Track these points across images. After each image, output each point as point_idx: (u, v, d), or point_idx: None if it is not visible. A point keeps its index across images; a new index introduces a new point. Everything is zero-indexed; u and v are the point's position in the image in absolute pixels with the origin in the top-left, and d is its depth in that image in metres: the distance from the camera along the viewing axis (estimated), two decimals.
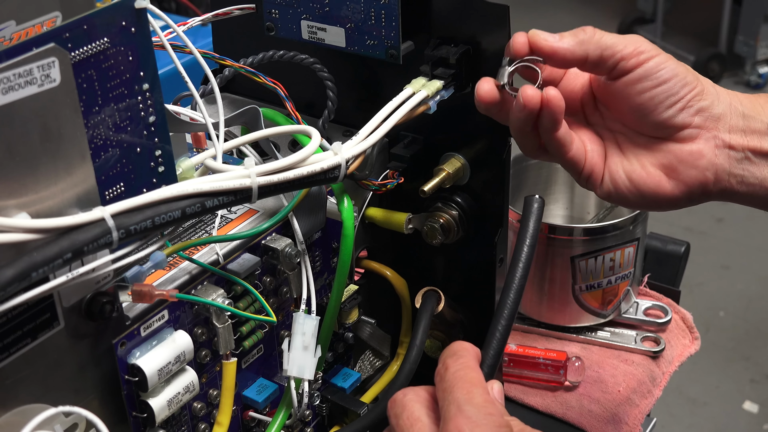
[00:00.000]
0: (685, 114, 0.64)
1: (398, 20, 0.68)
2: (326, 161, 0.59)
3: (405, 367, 0.72)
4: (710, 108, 0.64)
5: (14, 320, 0.50)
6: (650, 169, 0.66)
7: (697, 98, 0.64)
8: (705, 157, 0.65)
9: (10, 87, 0.44)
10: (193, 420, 0.64)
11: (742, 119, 0.65)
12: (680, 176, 0.66)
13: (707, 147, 0.65)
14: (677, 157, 0.65)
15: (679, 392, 2.03)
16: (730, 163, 0.65)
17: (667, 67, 0.64)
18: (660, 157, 0.66)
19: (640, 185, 0.67)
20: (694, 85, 0.64)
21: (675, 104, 0.64)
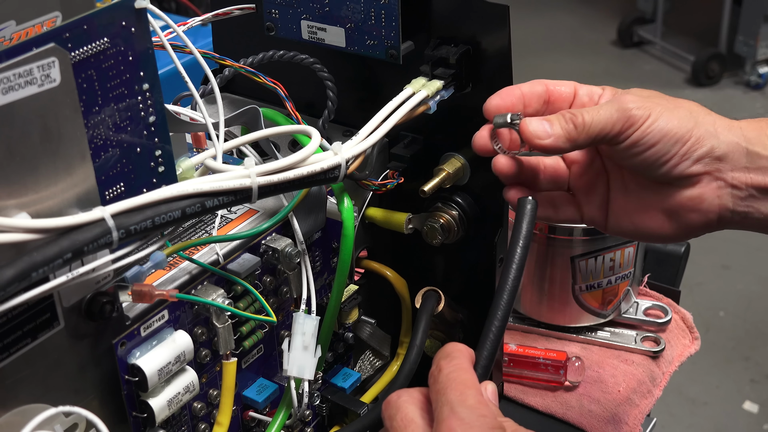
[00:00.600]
0: (682, 166, 0.64)
1: (398, 20, 0.68)
2: (326, 161, 0.59)
3: (405, 367, 0.72)
4: (710, 152, 0.64)
5: (14, 320, 0.50)
6: (653, 213, 0.67)
7: (694, 148, 0.63)
8: (707, 200, 0.65)
9: (10, 87, 0.44)
10: (193, 420, 0.64)
11: (746, 157, 0.64)
12: (682, 219, 0.66)
13: (709, 190, 0.65)
14: (679, 202, 0.65)
15: (679, 392, 2.03)
16: (734, 202, 0.65)
17: (655, 130, 0.63)
18: (662, 200, 0.66)
19: (643, 228, 0.68)
20: (687, 138, 0.63)
21: (668, 161, 0.64)
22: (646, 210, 0.67)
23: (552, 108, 0.67)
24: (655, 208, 0.67)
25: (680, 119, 0.64)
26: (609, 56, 3.58)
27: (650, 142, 0.63)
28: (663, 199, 0.66)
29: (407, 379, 0.72)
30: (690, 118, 0.64)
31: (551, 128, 0.63)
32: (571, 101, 0.68)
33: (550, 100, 0.68)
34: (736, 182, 0.64)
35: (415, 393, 0.57)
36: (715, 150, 0.64)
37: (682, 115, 0.64)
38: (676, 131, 0.63)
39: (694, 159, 0.64)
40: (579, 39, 3.72)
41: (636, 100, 0.64)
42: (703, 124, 0.64)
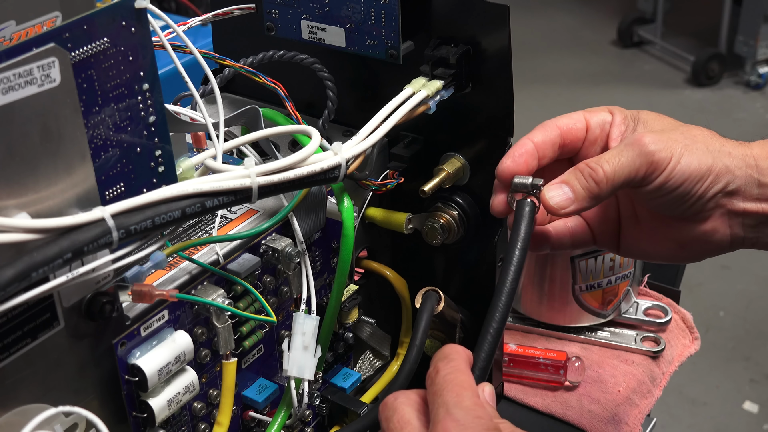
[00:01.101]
0: (699, 205, 0.64)
1: (398, 20, 0.68)
2: (326, 161, 0.59)
3: (405, 367, 0.72)
4: (725, 187, 0.64)
5: (14, 320, 0.50)
6: (666, 243, 0.67)
7: (711, 186, 0.63)
8: (719, 232, 0.65)
9: (10, 87, 0.44)
10: (193, 420, 0.64)
11: (757, 188, 0.64)
12: (694, 250, 0.67)
13: (721, 223, 0.65)
14: (691, 236, 0.66)
15: (679, 392, 2.03)
16: (745, 230, 0.65)
17: (677, 174, 0.62)
18: (675, 234, 0.66)
19: (656, 255, 0.69)
20: (706, 176, 0.63)
21: (687, 201, 0.64)
22: (658, 240, 0.67)
23: (567, 149, 0.66)
24: (667, 239, 0.67)
25: (699, 157, 0.63)
26: (609, 56, 3.58)
27: (674, 185, 0.62)
28: (676, 233, 0.66)
29: (407, 379, 0.72)
30: (708, 154, 0.63)
31: (573, 192, 0.62)
32: (584, 137, 0.67)
33: (564, 143, 0.66)
34: (746, 212, 0.64)
35: (412, 395, 0.57)
36: (729, 185, 0.64)
37: (701, 152, 0.63)
38: (696, 171, 0.62)
39: (710, 197, 0.64)
40: (579, 39, 3.72)
41: (656, 140, 0.62)
42: (720, 158, 0.64)
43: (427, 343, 0.79)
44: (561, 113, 0.68)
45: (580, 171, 0.62)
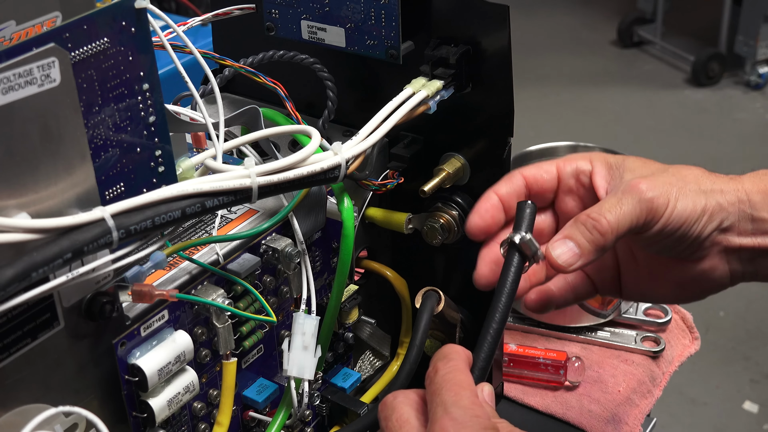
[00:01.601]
0: (695, 244, 0.64)
1: (398, 20, 0.68)
2: (326, 161, 0.59)
3: (405, 367, 0.72)
4: (720, 225, 0.64)
5: (14, 320, 0.50)
6: (665, 284, 0.67)
7: (707, 225, 0.63)
8: (718, 269, 0.66)
9: (10, 87, 0.44)
10: (193, 420, 0.64)
11: (751, 223, 0.64)
12: (695, 289, 0.67)
13: (719, 260, 0.65)
14: (690, 274, 0.66)
15: (679, 392, 2.03)
16: (743, 264, 0.66)
17: (675, 218, 0.62)
18: (675, 275, 0.66)
19: (653, 296, 0.69)
20: (701, 218, 0.63)
21: (684, 243, 0.64)
22: (659, 282, 0.67)
23: (536, 200, 0.64)
24: (667, 281, 0.67)
25: (693, 199, 0.63)
26: (609, 56, 3.58)
27: (672, 229, 0.62)
28: (675, 274, 0.66)
29: (407, 379, 0.72)
30: (701, 194, 0.63)
31: (579, 247, 0.61)
32: (554, 187, 0.66)
33: (531, 193, 0.66)
34: (743, 247, 0.65)
35: (411, 394, 0.57)
36: (724, 222, 0.64)
37: (694, 193, 0.63)
38: (692, 213, 0.62)
39: (706, 235, 0.64)
40: (579, 39, 3.72)
41: (651, 186, 0.62)
42: (713, 197, 0.64)
43: (427, 343, 0.79)
44: (561, 113, 0.69)
45: (583, 223, 0.61)
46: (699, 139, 2.99)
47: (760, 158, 2.87)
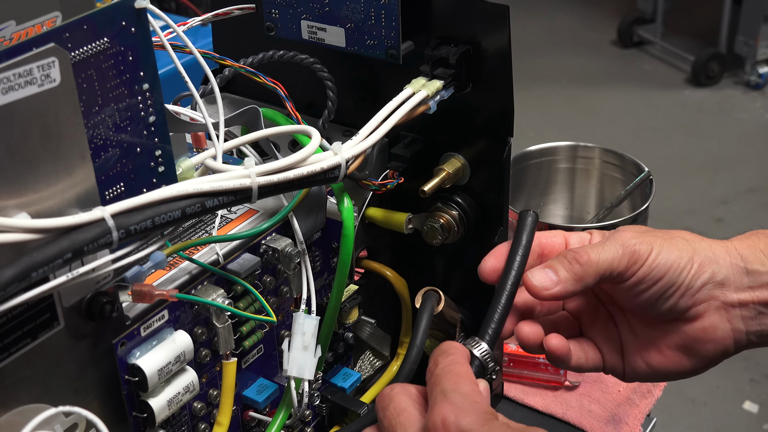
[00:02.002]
0: (687, 297, 0.63)
1: (398, 20, 0.68)
2: (326, 161, 0.59)
3: (405, 367, 0.72)
4: (712, 278, 0.63)
5: (14, 320, 0.50)
6: (668, 352, 0.66)
7: (697, 276, 0.63)
8: (719, 328, 0.64)
9: (10, 87, 0.44)
10: (193, 420, 0.64)
11: (746, 276, 0.64)
12: (699, 353, 0.65)
13: (718, 317, 0.64)
14: (691, 336, 0.64)
15: (679, 392, 2.03)
16: (746, 323, 0.64)
17: (659, 265, 0.62)
18: (675, 338, 0.65)
19: (662, 370, 0.66)
20: (689, 268, 0.63)
21: (675, 293, 0.63)
22: (659, 350, 0.66)
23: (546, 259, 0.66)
24: (668, 347, 0.66)
25: (680, 249, 0.63)
26: (609, 56, 3.58)
27: (657, 276, 0.62)
28: (674, 336, 0.65)
29: (407, 379, 0.72)
30: (688, 247, 0.63)
31: (557, 275, 0.62)
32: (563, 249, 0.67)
33: (543, 253, 0.67)
34: (743, 302, 0.63)
35: (410, 387, 0.57)
36: (716, 275, 0.63)
37: (681, 245, 0.63)
38: (679, 262, 0.62)
39: (698, 287, 0.63)
40: (579, 39, 3.72)
41: (635, 236, 0.63)
42: (701, 250, 0.64)
43: (427, 343, 0.79)
44: (561, 113, 0.69)
45: (564, 256, 0.63)
46: (699, 139, 2.99)
47: (760, 158, 2.87)
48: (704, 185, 2.74)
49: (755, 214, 2.59)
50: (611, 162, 1.03)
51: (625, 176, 1.01)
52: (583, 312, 0.69)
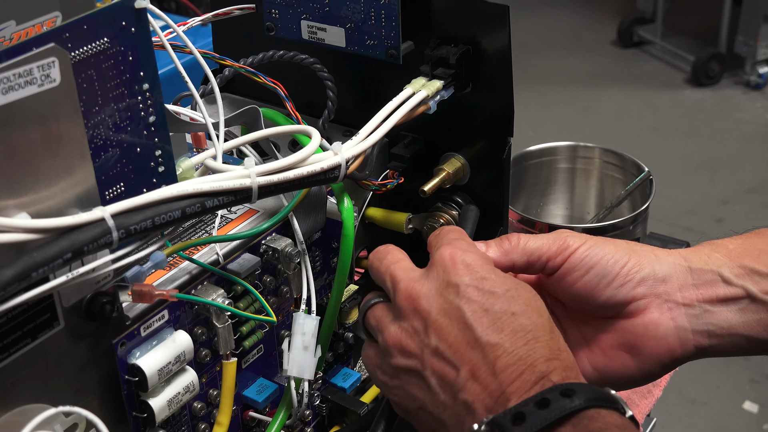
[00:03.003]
0: (626, 289, 0.62)
1: (398, 20, 0.68)
2: (326, 161, 0.59)
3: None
4: (652, 274, 0.62)
5: (14, 320, 0.50)
6: (611, 352, 0.63)
7: (635, 270, 0.62)
8: (661, 324, 0.62)
9: (10, 87, 0.44)
10: (193, 420, 0.64)
11: (690, 274, 0.62)
12: (642, 351, 0.62)
13: (660, 314, 0.62)
14: (633, 333, 0.62)
15: (679, 392, 2.03)
16: (690, 321, 0.62)
17: (591, 253, 0.62)
18: (617, 336, 0.63)
19: (608, 372, 0.64)
20: (625, 261, 0.62)
21: (611, 284, 0.62)
22: (603, 350, 0.64)
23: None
24: (610, 346, 0.63)
25: (616, 246, 0.62)
26: (609, 56, 3.58)
27: (588, 264, 0.61)
28: (616, 334, 0.63)
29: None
30: (627, 247, 0.63)
31: (486, 247, 0.62)
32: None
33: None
34: (687, 301, 0.62)
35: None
36: (657, 272, 0.62)
37: (619, 244, 0.63)
38: (612, 255, 0.62)
39: (637, 282, 0.62)
40: (579, 39, 3.72)
41: (572, 233, 0.63)
42: (642, 251, 0.63)
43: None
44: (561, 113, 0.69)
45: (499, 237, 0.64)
46: (699, 139, 2.99)
47: (760, 158, 2.87)
48: (704, 185, 2.75)
49: (755, 214, 2.59)
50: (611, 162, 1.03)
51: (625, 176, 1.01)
52: None
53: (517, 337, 0.53)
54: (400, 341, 0.57)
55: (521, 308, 0.54)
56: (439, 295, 0.56)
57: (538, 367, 0.52)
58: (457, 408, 0.53)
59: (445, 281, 0.56)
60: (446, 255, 0.57)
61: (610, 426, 0.49)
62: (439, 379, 0.54)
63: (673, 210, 2.58)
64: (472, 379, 0.53)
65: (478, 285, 0.55)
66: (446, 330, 0.54)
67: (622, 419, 0.50)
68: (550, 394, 0.49)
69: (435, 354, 0.55)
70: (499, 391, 0.52)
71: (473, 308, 0.54)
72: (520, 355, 0.52)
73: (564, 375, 0.52)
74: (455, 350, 0.54)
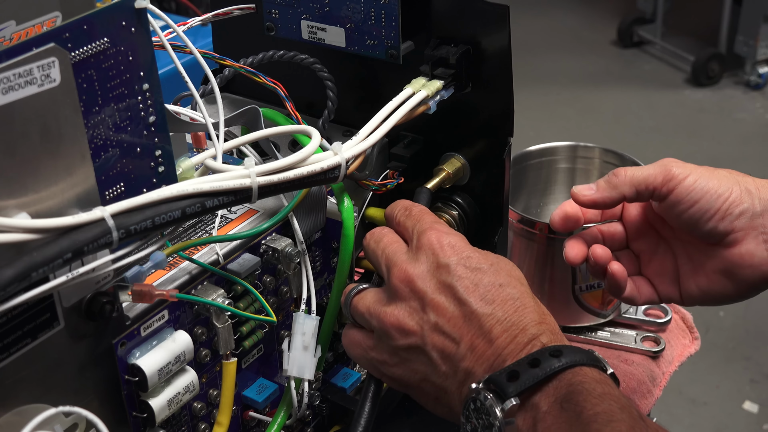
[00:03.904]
0: (726, 222, 0.69)
1: (398, 20, 0.68)
2: (326, 161, 0.59)
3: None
4: (751, 209, 0.69)
5: (14, 320, 0.50)
6: (713, 276, 0.72)
7: (735, 205, 0.69)
8: (756, 255, 0.69)
9: (10, 87, 0.44)
10: (193, 420, 0.64)
11: None
12: (739, 277, 0.70)
13: (755, 245, 0.69)
14: (731, 261, 0.70)
15: (679, 392, 2.03)
16: None
17: (697, 187, 0.69)
18: (718, 263, 0.71)
19: (710, 293, 0.72)
20: (728, 195, 0.69)
21: (713, 217, 0.69)
22: (706, 274, 0.72)
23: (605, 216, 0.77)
24: (713, 271, 0.71)
25: (720, 179, 0.69)
26: (609, 56, 3.58)
27: (694, 198, 0.69)
28: (717, 261, 0.71)
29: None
30: (730, 178, 0.70)
31: (595, 185, 0.72)
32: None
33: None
34: None
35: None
36: (755, 206, 0.69)
37: (722, 176, 0.70)
38: (717, 189, 0.69)
39: (736, 215, 0.69)
40: (579, 39, 3.72)
41: (676, 162, 0.71)
42: (742, 183, 0.70)
43: None
44: (561, 113, 0.71)
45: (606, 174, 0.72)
46: (699, 139, 2.99)
47: (760, 158, 2.87)
48: None
49: None
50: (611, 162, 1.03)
51: None
52: (643, 251, 0.75)
53: (507, 306, 0.59)
54: (399, 321, 0.61)
55: (506, 279, 0.60)
56: (432, 276, 0.60)
57: (529, 330, 0.58)
58: (459, 375, 0.59)
59: (435, 263, 0.61)
60: (433, 239, 0.62)
61: (589, 380, 0.54)
62: (440, 352, 0.59)
63: None
64: (471, 349, 0.58)
65: (465, 263, 0.60)
66: (443, 306, 0.59)
67: (602, 375, 0.56)
68: (540, 354, 0.56)
69: (435, 329, 0.59)
70: (495, 355, 0.58)
71: (464, 284, 0.59)
72: (512, 321, 0.58)
73: (551, 337, 0.58)
74: (453, 324, 0.59)
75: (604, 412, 0.52)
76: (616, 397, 0.54)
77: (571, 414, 0.53)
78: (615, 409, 0.52)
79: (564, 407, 0.53)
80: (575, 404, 0.53)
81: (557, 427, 0.53)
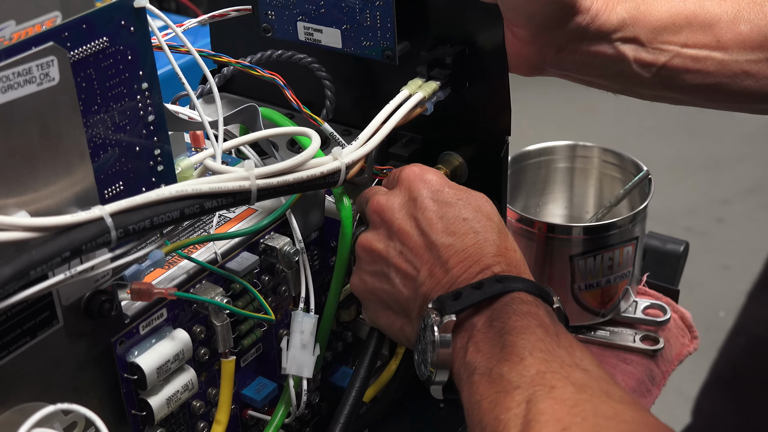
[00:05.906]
0: None
1: (393, 21, 0.68)
2: (326, 166, 0.59)
3: (403, 366, 0.72)
4: None
5: (13, 318, 0.50)
6: None
7: None
8: None
9: (9, 86, 0.44)
10: (192, 418, 0.64)
11: None
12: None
13: None
14: None
15: (679, 392, 2.03)
16: None
17: None
18: None
19: None
20: None
21: None
22: None
23: None
24: None
25: None
26: None
27: None
28: None
29: (405, 379, 0.73)
30: None
31: None
32: None
33: None
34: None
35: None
36: None
37: None
38: None
39: None
40: None
41: None
42: None
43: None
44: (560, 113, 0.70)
45: None
46: (699, 139, 2.99)
47: (760, 158, 2.87)
48: (704, 185, 2.74)
49: (756, 214, 2.58)
50: (610, 161, 1.03)
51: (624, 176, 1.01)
52: None
53: (467, 238, 0.62)
54: (370, 245, 0.65)
55: (472, 214, 0.63)
56: (401, 207, 0.64)
57: (484, 261, 0.61)
58: (418, 300, 0.62)
59: (407, 195, 0.64)
60: (410, 174, 0.65)
61: (527, 303, 0.58)
62: (403, 277, 0.63)
63: (673, 210, 2.58)
64: (430, 275, 0.62)
65: (434, 197, 0.63)
66: (408, 235, 0.63)
67: (537, 300, 0.59)
68: (487, 280, 0.59)
69: (400, 255, 0.63)
70: (450, 282, 0.61)
71: (429, 216, 0.63)
72: (469, 253, 0.61)
73: (506, 269, 0.61)
74: (416, 252, 0.62)
75: (521, 326, 0.56)
76: (538, 316, 0.57)
77: (495, 331, 0.57)
78: (532, 325, 0.56)
79: (492, 325, 0.57)
80: (500, 321, 0.57)
81: (484, 343, 0.57)
